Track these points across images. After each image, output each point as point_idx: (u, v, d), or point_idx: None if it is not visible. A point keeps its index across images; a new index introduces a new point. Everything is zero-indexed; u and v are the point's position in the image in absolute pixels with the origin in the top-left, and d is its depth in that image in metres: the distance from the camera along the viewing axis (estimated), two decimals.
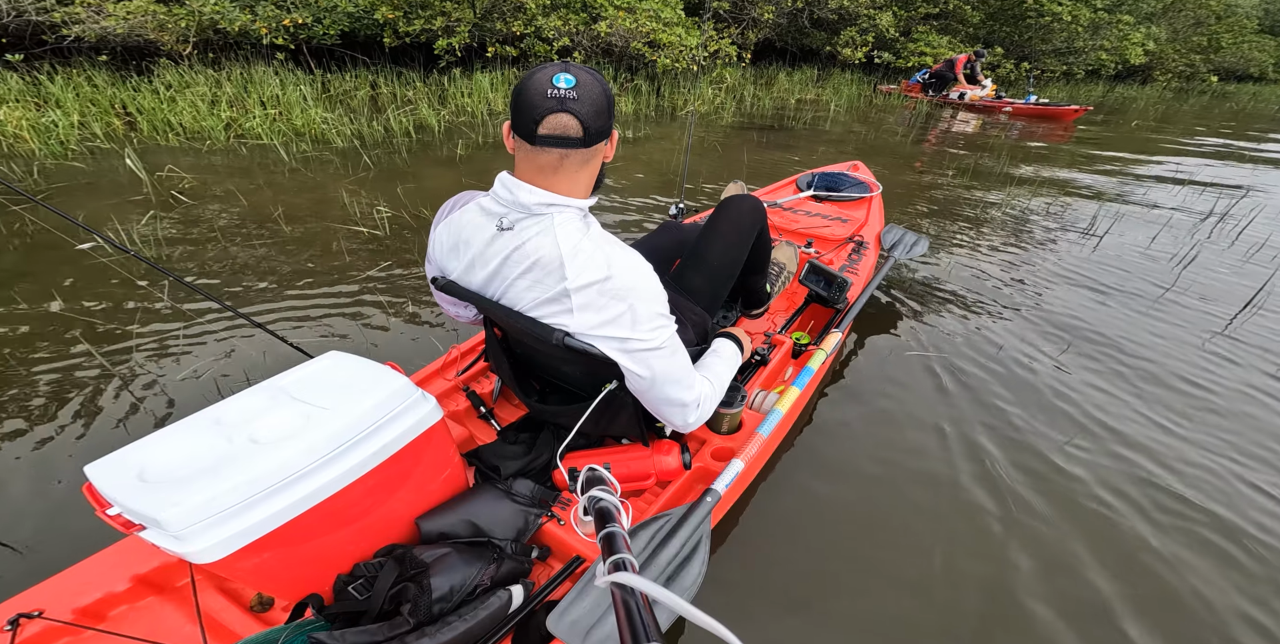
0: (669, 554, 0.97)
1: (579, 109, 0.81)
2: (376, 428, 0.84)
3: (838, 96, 8.74)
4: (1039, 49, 11.70)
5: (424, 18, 5.91)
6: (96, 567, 0.95)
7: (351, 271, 2.53)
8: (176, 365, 1.89)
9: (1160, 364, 2.12)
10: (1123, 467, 1.64)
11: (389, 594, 0.85)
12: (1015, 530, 1.43)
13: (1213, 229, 3.58)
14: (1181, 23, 14.94)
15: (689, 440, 1.29)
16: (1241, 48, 16.27)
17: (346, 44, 6.24)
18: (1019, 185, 4.49)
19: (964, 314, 2.42)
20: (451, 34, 6.07)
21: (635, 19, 6.63)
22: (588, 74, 0.82)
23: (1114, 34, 12.02)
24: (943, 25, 11.08)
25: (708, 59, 7.82)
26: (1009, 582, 1.30)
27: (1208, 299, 2.65)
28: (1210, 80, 15.54)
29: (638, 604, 0.47)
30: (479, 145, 4.81)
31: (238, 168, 3.96)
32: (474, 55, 6.61)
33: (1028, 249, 3.18)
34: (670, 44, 6.77)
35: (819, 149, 5.50)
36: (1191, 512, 1.49)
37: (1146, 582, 1.31)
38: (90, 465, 0.73)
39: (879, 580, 1.29)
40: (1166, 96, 13.17)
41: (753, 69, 9.64)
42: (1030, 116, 8.21)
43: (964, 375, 2.00)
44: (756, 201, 1.44)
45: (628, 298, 0.88)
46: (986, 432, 1.75)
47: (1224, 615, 1.24)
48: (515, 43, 6.53)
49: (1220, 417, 1.86)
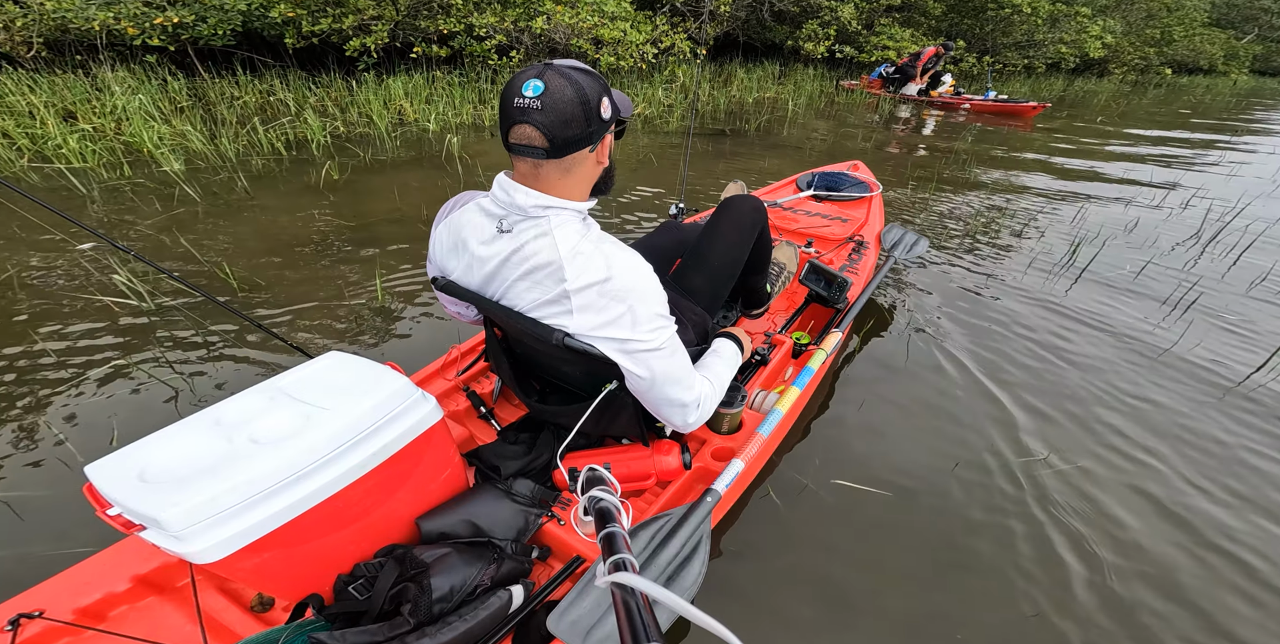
0: (669, 554, 0.97)
1: (541, 120, 0.79)
2: (377, 428, 0.84)
3: (798, 94, 8.24)
4: (1000, 42, 11.60)
5: (332, 16, 5.24)
6: (97, 567, 0.95)
7: (353, 271, 2.53)
8: (176, 365, 1.89)
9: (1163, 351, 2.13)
10: (1122, 465, 1.64)
11: (389, 594, 0.85)
12: (1018, 529, 1.43)
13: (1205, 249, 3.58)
14: (1135, 16, 15.08)
15: (689, 440, 1.30)
16: (1193, 40, 16.60)
17: (251, 45, 5.59)
18: (991, 190, 4.28)
19: (964, 314, 2.41)
20: (367, 33, 5.43)
21: (576, 14, 6.04)
22: (563, 80, 0.79)
23: (1073, 26, 12.04)
24: (905, 18, 10.83)
25: (659, 56, 7.10)
26: (1011, 580, 1.30)
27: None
28: (1165, 73, 15.85)
29: (638, 604, 0.47)
30: (366, 166, 3.98)
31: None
32: (397, 56, 6.00)
33: (1023, 250, 3.18)
34: (615, 40, 6.19)
35: (766, 161, 4.80)
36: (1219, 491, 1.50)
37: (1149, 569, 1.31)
38: (90, 465, 0.73)
39: (879, 580, 1.29)
40: (1124, 90, 13.23)
41: (713, 65, 9.07)
42: (990, 113, 7.91)
43: (964, 375, 2.00)
44: (758, 202, 1.44)
45: (627, 299, 0.88)
46: (987, 431, 1.75)
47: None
48: (445, 42, 5.92)
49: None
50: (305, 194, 3.41)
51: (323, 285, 2.40)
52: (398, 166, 4.04)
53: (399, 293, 2.38)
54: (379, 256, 2.67)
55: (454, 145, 4.50)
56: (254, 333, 2.05)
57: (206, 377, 1.85)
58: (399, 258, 2.67)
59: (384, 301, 2.30)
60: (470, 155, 4.41)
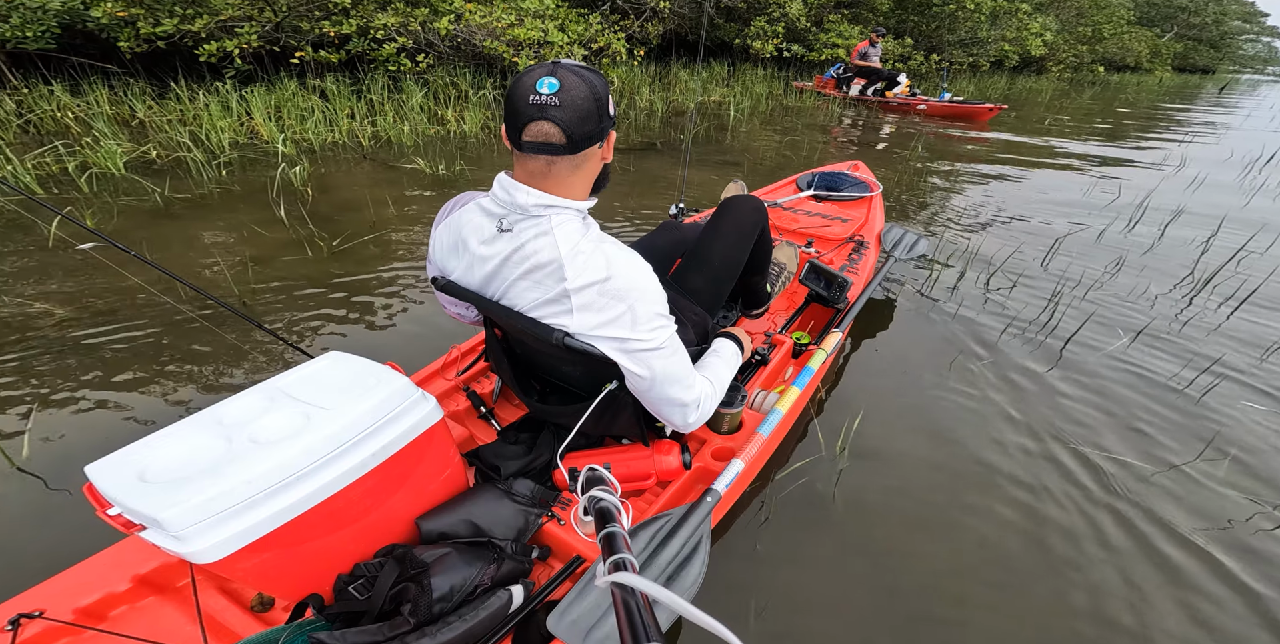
0: (669, 554, 0.97)
1: (560, 116, 0.79)
2: (377, 428, 0.84)
3: (746, 96, 7.66)
4: (946, 40, 11.62)
5: (180, 16, 4.43)
6: (97, 567, 0.95)
7: (354, 272, 2.53)
8: (177, 365, 1.89)
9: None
10: (1125, 459, 1.64)
11: (389, 594, 0.85)
12: (1021, 528, 1.43)
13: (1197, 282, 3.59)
14: (1067, 13, 15.58)
15: (689, 440, 1.30)
16: (1121, 38, 17.39)
17: (94, 50, 4.75)
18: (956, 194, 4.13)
19: (964, 314, 2.42)
20: (232, 35, 4.61)
21: (490, 12, 5.37)
22: (575, 76, 0.80)
23: (1014, 24, 12.17)
24: (854, 14, 10.67)
25: (589, 58, 6.33)
26: (1014, 577, 1.30)
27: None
28: (1098, 71, 16.52)
29: (638, 604, 0.47)
30: (156, 208, 3.05)
31: None
32: (277, 63, 5.13)
33: (1019, 252, 3.18)
34: (534, 41, 5.46)
35: (696, 184, 4.02)
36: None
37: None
38: (91, 465, 0.73)
39: (880, 579, 1.29)
40: (1063, 87, 13.46)
41: (658, 66, 8.34)
42: (945, 116, 7.74)
43: (965, 374, 2.00)
44: (758, 202, 1.44)
45: (627, 298, 0.88)
46: (988, 430, 1.75)
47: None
48: (336, 46, 5.14)
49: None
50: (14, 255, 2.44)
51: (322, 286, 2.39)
52: (200, 210, 3.11)
53: (400, 292, 2.38)
54: (378, 258, 2.67)
55: (295, 176, 3.56)
56: (254, 332, 2.05)
57: (206, 376, 1.85)
58: (400, 257, 2.68)
59: (384, 301, 2.30)
60: (316, 189, 3.49)
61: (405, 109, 5.16)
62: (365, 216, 3.15)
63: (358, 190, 3.54)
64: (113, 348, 1.96)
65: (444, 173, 3.96)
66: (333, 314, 2.23)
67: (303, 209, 3.17)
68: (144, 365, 1.88)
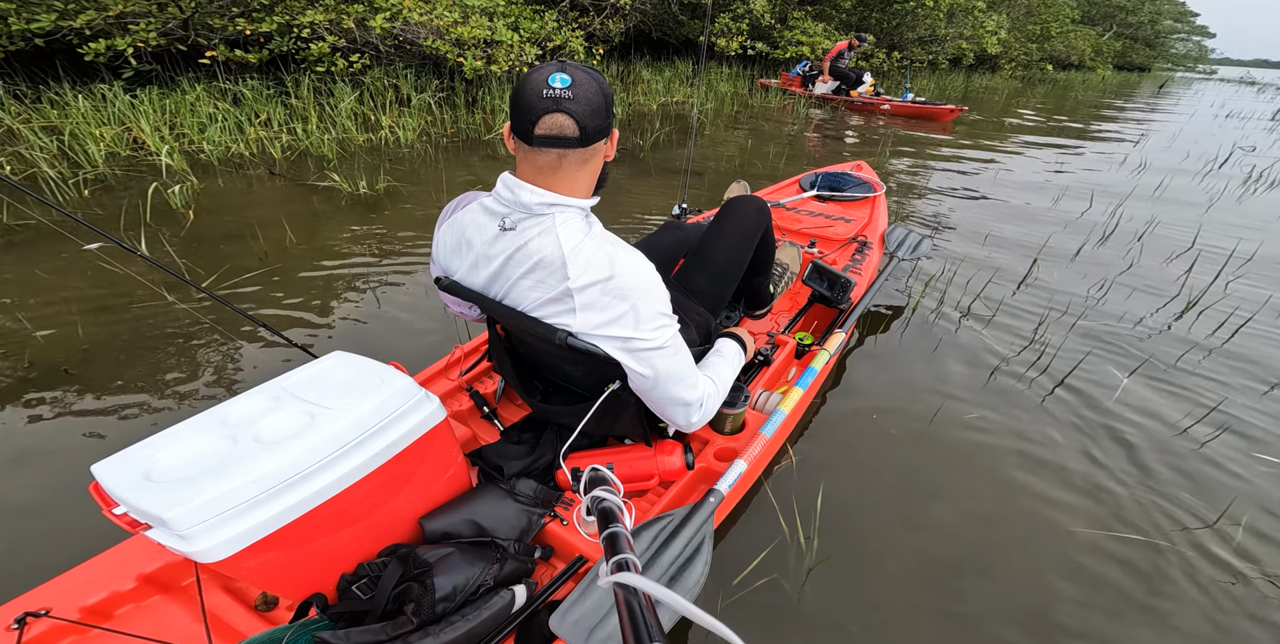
0: (672, 555, 0.97)
1: (575, 109, 0.81)
2: (380, 428, 0.85)
3: (710, 97, 7.45)
4: (906, 37, 11.66)
5: (58, 11, 3.93)
6: (102, 565, 0.95)
7: (355, 272, 2.53)
8: (180, 366, 1.90)
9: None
10: (1122, 458, 1.63)
11: (393, 594, 0.85)
12: (1023, 527, 1.42)
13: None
14: (1017, 11, 15.93)
15: (692, 441, 1.29)
16: (1068, 36, 17.90)
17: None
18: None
19: (965, 314, 2.41)
20: (125, 32, 4.12)
21: (431, 9, 4.96)
22: (585, 73, 0.82)
23: (969, 22, 12.29)
24: (818, 11, 10.57)
25: (544, 57, 5.91)
26: (1016, 574, 1.30)
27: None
28: (1046, 68, 17.02)
29: (640, 604, 0.47)
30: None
31: None
32: (186, 62, 4.60)
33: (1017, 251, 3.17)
34: (480, 40, 5.08)
35: (652, 196, 3.61)
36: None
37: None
38: (97, 465, 0.74)
39: (879, 580, 1.29)
40: (1016, 85, 13.67)
41: (621, 64, 8.15)
42: (908, 116, 7.71)
43: (966, 374, 2.00)
44: (762, 203, 1.44)
45: (630, 297, 0.88)
46: (988, 430, 1.74)
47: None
48: (257, 45, 4.64)
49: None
50: None
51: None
52: (48, 239, 2.59)
53: (400, 293, 2.39)
54: (386, 259, 2.68)
55: (175, 196, 3.05)
56: (259, 332, 2.06)
57: (211, 376, 1.85)
58: (402, 258, 2.68)
59: (386, 302, 2.30)
60: (205, 211, 3.01)
61: (333, 114, 4.63)
62: (254, 248, 2.65)
63: (254, 211, 3.07)
64: (116, 348, 1.97)
65: (364, 191, 3.40)
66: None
67: (176, 237, 2.68)
68: (148, 366, 1.89)
